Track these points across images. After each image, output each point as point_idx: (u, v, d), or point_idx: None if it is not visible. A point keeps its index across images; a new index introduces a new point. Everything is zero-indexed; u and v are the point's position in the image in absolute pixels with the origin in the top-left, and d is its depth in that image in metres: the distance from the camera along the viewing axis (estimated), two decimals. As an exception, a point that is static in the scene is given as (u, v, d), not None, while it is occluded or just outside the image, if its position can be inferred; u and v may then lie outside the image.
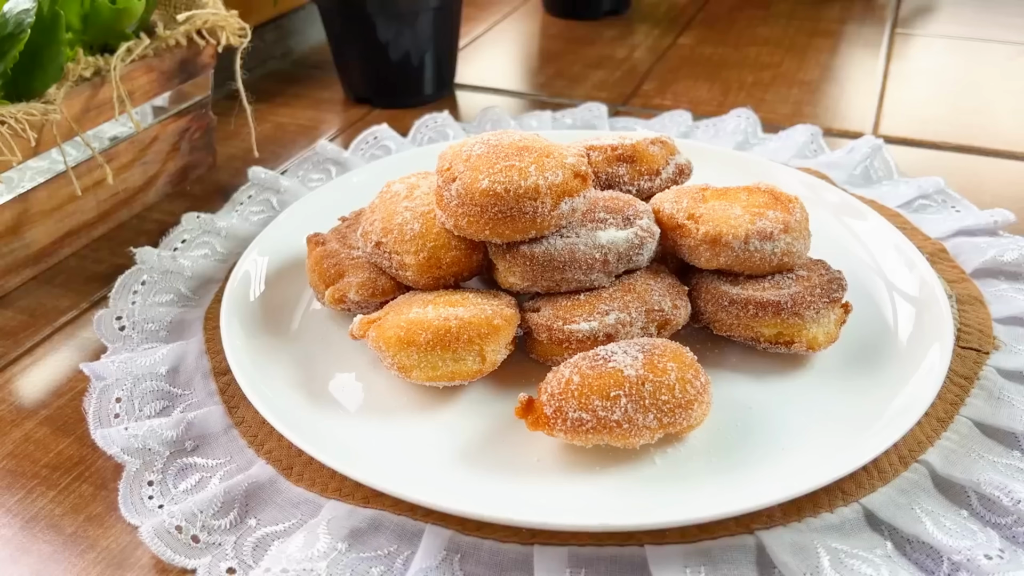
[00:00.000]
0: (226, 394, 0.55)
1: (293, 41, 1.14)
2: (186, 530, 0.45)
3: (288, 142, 0.91)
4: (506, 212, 0.52)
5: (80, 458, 0.52)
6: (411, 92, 0.98)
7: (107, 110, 0.69)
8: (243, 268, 0.63)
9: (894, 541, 0.44)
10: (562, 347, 0.53)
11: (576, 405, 0.46)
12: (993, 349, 0.56)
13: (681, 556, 0.43)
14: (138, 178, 0.77)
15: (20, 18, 0.61)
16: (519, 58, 1.16)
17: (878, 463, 0.48)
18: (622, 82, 1.05)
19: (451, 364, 0.51)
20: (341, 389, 0.55)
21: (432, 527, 0.45)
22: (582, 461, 0.48)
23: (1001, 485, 0.46)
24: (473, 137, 0.56)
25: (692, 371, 0.47)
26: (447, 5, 0.94)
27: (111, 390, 0.55)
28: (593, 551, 0.44)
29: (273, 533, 0.46)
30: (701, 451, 0.49)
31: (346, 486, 0.48)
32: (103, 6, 0.68)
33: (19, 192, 0.66)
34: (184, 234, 0.71)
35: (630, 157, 0.63)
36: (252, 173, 0.78)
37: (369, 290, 0.57)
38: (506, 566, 0.44)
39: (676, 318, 0.54)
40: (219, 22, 0.75)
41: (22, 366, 0.60)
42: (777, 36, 1.19)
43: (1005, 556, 0.42)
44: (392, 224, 0.57)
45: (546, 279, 0.54)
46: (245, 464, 0.50)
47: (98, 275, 0.69)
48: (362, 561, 0.44)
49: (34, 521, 0.48)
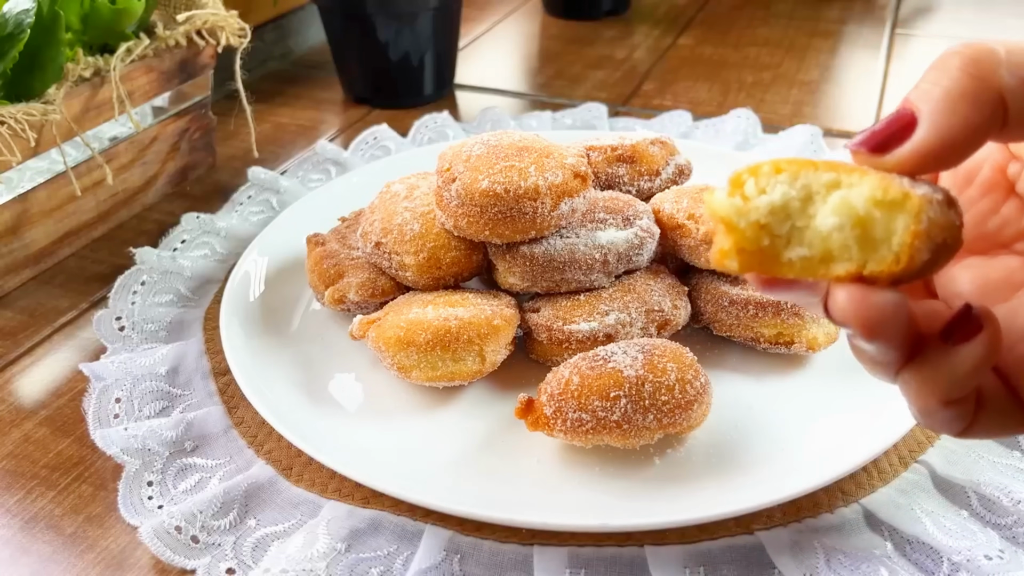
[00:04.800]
0: (226, 394, 0.55)
1: (293, 41, 1.14)
2: (185, 530, 0.45)
3: (288, 142, 0.91)
4: (506, 212, 0.52)
5: (80, 458, 0.52)
6: (411, 92, 0.98)
7: (107, 110, 0.69)
8: (243, 268, 0.63)
9: (894, 541, 0.44)
10: (562, 347, 0.53)
11: (576, 405, 0.46)
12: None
13: (681, 556, 0.43)
14: (138, 178, 0.77)
15: (20, 18, 0.61)
16: (519, 58, 1.16)
17: (878, 463, 0.48)
18: (622, 82, 1.05)
19: (451, 364, 0.51)
20: (341, 389, 0.55)
21: (432, 527, 0.45)
22: (582, 461, 0.48)
23: (1001, 485, 0.46)
24: (473, 137, 0.56)
25: (692, 371, 0.47)
26: (447, 5, 0.94)
27: (111, 390, 0.55)
28: (593, 551, 0.44)
29: (273, 533, 0.46)
30: (701, 452, 0.49)
31: (346, 486, 0.48)
32: (103, 6, 0.68)
33: (19, 192, 0.66)
34: (184, 234, 0.71)
35: (630, 157, 0.63)
36: (252, 173, 0.78)
37: (369, 290, 0.57)
38: (506, 566, 0.44)
39: (676, 318, 0.54)
40: (219, 22, 0.75)
41: (22, 366, 0.60)
42: (777, 36, 1.19)
43: (1005, 556, 0.42)
44: (392, 224, 0.57)
45: (546, 279, 0.54)
46: (245, 464, 0.50)
47: (98, 275, 0.69)
48: (362, 561, 0.44)
49: (34, 521, 0.48)
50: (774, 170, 0.28)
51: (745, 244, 0.27)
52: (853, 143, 0.27)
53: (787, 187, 0.27)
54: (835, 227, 0.26)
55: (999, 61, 0.25)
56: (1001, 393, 0.28)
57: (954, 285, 0.32)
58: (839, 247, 0.26)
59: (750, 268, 0.28)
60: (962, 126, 0.25)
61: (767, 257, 0.28)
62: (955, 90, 0.25)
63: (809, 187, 0.27)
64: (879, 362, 0.27)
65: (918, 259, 0.25)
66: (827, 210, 0.27)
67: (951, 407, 0.27)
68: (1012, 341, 0.28)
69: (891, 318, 0.25)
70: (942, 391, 0.27)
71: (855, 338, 0.27)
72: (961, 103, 0.25)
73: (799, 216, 0.27)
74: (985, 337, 0.26)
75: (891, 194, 0.25)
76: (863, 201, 0.26)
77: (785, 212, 0.27)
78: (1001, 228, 0.31)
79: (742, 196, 0.28)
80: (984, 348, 0.26)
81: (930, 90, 0.26)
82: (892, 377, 0.28)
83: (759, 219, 0.27)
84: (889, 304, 0.25)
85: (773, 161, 0.28)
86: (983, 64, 0.25)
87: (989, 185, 0.31)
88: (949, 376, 0.26)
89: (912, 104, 0.26)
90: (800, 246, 0.27)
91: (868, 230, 0.26)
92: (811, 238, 0.27)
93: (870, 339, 0.26)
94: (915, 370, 0.27)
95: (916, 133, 0.26)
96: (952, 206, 0.27)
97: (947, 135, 0.25)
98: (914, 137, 0.26)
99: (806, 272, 0.27)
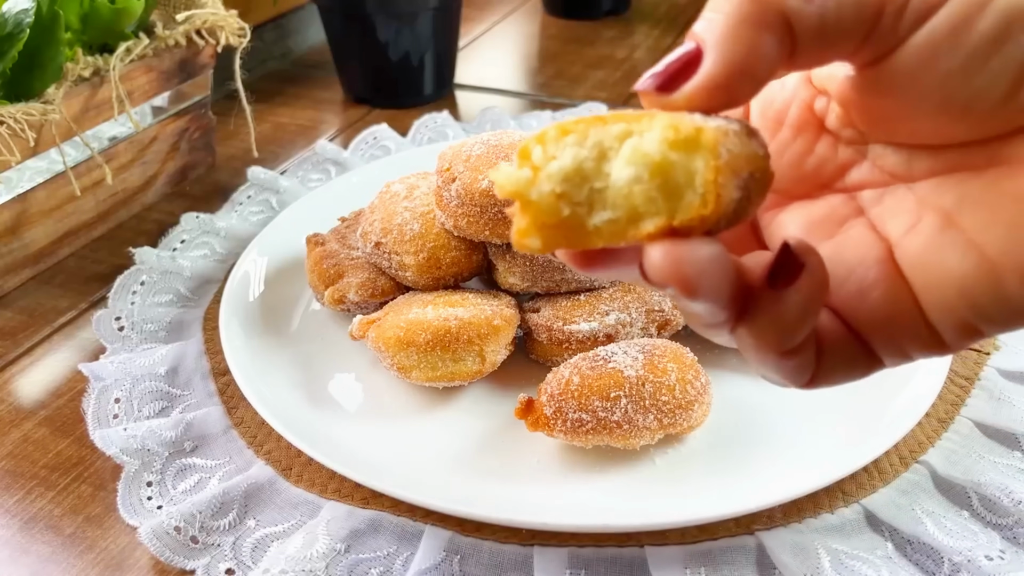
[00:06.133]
0: (225, 395, 0.55)
1: (293, 41, 1.14)
2: (185, 531, 0.45)
3: (287, 142, 0.91)
4: (506, 212, 0.52)
5: (79, 459, 0.52)
6: (411, 92, 0.98)
7: (106, 110, 0.69)
8: (242, 268, 0.63)
9: (895, 542, 0.44)
10: (562, 347, 0.53)
11: (576, 406, 0.46)
12: (994, 349, 0.56)
13: (681, 557, 0.43)
14: (137, 178, 0.77)
15: (19, 18, 0.61)
16: (519, 58, 1.16)
17: (879, 463, 0.48)
18: (622, 82, 1.05)
19: (451, 364, 0.51)
20: (341, 390, 0.55)
21: (432, 528, 0.45)
22: (582, 462, 0.48)
23: (1002, 486, 0.46)
24: (473, 137, 0.56)
25: (692, 372, 0.47)
26: (447, 5, 0.94)
27: (110, 391, 0.55)
28: (593, 552, 0.44)
29: (272, 534, 0.46)
30: (701, 452, 0.49)
31: (345, 487, 0.48)
32: (102, 6, 0.68)
33: (18, 192, 0.66)
34: (183, 234, 0.71)
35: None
36: (251, 173, 0.78)
37: (369, 290, 0.57)
38: (506, 567, 0.44)
39: (676, 318, 0.54)
40: (218, 22, 0.75)
41: (21, 366, 0.60)
42: (777, 36, 1.19)
43: (1006, 557, 0.42)
44: (392, 224, 0.57)
45: (546, 279, 0.54)
46: (244, 465, 0.50)
47: (97, 275, 0.69)
48: (361, 562, 0.44)
49: (33, 522, 0.48)
50: (560, 133, 0.25)
51: (544, 218, 0.25)
52: (639, 84, 0.25)
53: (578, 148, 0.24)
54: (633, 179, 0.24)
55: None
56: (841, 335, 0.27)
57: (781, 231, 0.30)
58: (644, 202, 0.24)
59: (556, 244, 0.25)
60: (748, 52, 0.24)
61: (571, 229, 0.25)
62: (736, 15, 0.23)
63: (601, 143, 0.24)
64: (710, 324, 0.26)
65: (726, 196, 0.23)
66: (621, 163, 0.24)
67: (790, 357, 0.26)
68: (841, 277, 0.27)
69: (709, 271, 0.23)
70: (777, 341, 0.25)
71: (678, 299, 0.24)
72: (744, 28, 0.23)
73: (596, 177, 0.24)
74: (808, 274, 0.25)
75: (683, 132, 0.23)
76: (656, 145, 0.23)
77: (581, 175, 0.24)
78: (819, 168, 0.30)
79: (532, 168, 0.25)
80: (809, 286, 0.25)
81: (713, 19, 0.24)
82: (727, 337, 0.26)
83: (553, 188, 0.24)
84: (704, 256, 0.23)
85: (558, 124, 0.25)
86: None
87: (799, 125, 0.30)
88: (781, 324, 0.25)
89: (696, 36, 0.24)
90: (603, 210, 0.24)
91: (669, 176, 0.24)
92: (613, 198, 0.24)
93: (692, 297, 0.24)
94: (747, 324, 0.25)
95: (702, 66, 0.24)
96: (753, 136, 0.25)
97: (734, 64, 0.24)
98: (700, 70, 0.24)
99: (615, 238, 0.24)
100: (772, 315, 0.25)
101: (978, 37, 0.23)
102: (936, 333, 0.26)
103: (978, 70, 0.23)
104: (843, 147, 0.29)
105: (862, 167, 0.29)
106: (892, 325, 0.26)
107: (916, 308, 0.26)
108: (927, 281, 0.26)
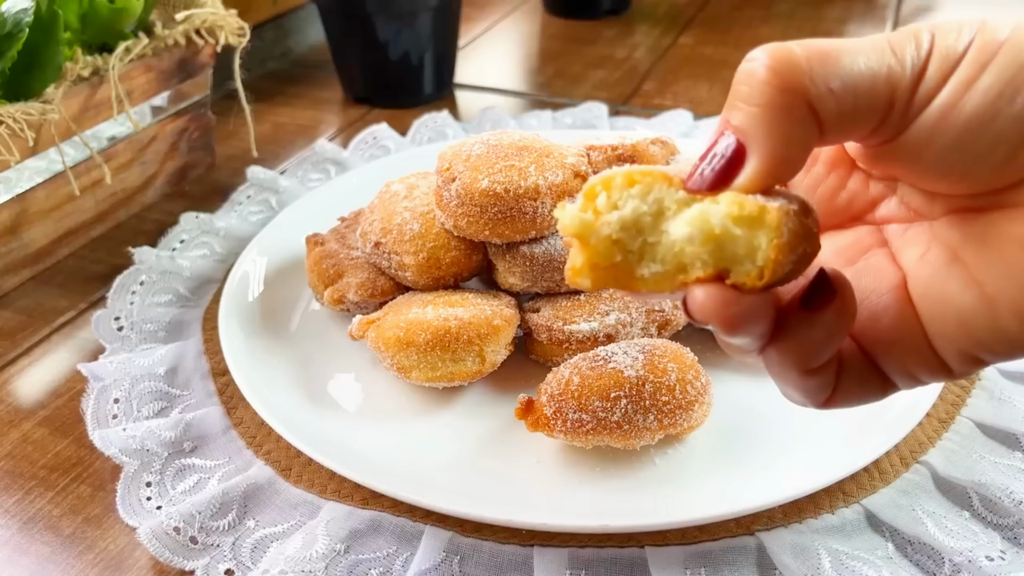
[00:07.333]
0: (225, 395, 0.55)
1: (292, 41, 1.14)
2: (184, 531, 0.45)
3: (287, 142, 0.91)
4: (506, 212, 0.52)
5: (78, 459, 0.52)
6: (410, 92, 0.98)
7: (105, 110, 0.69)
8: (242, 268, 0.63)
9: (895, 542, 0.44)
10: (562, 348, 0.53)
11: (576, 406, 0.46)
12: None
13: (681, 557, 0.43)
14: (136, 178, 0.77)
15: (18, 17, 0.60)
16: (519, 58, 1.16)
17: (879, 464, 0.48)
18: (622, 82, 1.05)
19: (450, 365, 0.51)
20: (340, 390, 0.54)
21: (431, 528, 0.45)
22: (582, 462, 0.48)
23: (1003, 486, 0.45)
24: (473, 137, 0.56)
25: (693, 372, 0.47)
26: (447, 5, 0.94)
27: (109, 391, 0.55)
28: (593, 552, 0.44)
29: (272, 534, 0.46)
30: (701, 452, 0.49)
31: (345, 487, 0.48)
32: (101, 5, 0.68)
33: (17, 192, 0.66)
34: (183, 234, 0.71)
35: (630, 157, 0.62)
36: (251, 173, 0.78)
37: (368, 290, 0.57)
38: (506, 567, 0.44)
39: (677, 318, 0.54)
40: (218, 21, 0.75)
41: (20, 367, 0.60)
42: (778, 36, 1.19)
43: (1007, 557, 0.42)
44: (391, 224, 0.57)
45: (546, 279, 0.54)
46: (244, 465, 0.50)
47: (96, 275, 0.69)
48: (361, 562, 0.44)
49: (32, 522, 0.48)
50: (627, 182, 0.27)
51: (598, 260, 0.27)
52: (691, 183, 0.27)
53: (639, 201, 0.27)
54: (686, 240, 0.26)
55: (801, 70, 0.25)
56: (857, 358, 0.29)
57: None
58: (692, 260, 0.26)
59: (604, 284, 0.27)
60: (787, 144, 0.25)
61: (621, 273, 0.27)
62: (769, 107, 0.25)
63: (661, 202, 0.27)
64: (743, 349, 0.28)
65: (780, 272, 0.25)
66: (681, 223, 0.26)
67: (812, 376, 0.28)
68: (857, 302, 0.28)
69: (752, 316, 0.25)
70: (803, 360, 0.27)
71: (717, 333, 0.27)
72: (779, 121, 0.25)
73: (651, 232, 0.27)
74: (839, 301, 0.27)
75: (747, 209, 0.25)
76: (719, 218, 0.25)
77: (637, 228, 0.27)
78: (851, 202, 0.32)
79: (594, 211, 0.27)
80: (838, 312, 0.27)
81: (748, 113, 0.25)
82: (755, 358, 0.28)
83: (611, 234, 0.27)
84: (749, 300, 0.25)
85: (626, 172, 0.27)
86: (787, 76, 0.25)
87: (833, 161, 0.32)
88: (809, 345, 0.27)
89: (736, 130, 0.26)
90: (653, 262, 0.27)
91: (724, 246, 0.25)
92: (663, 254, 0.26)
93: (732, 335, 0.26)
94: (776, 344, 0.27)
95: (748, 163, 0.26)
96: (808, 214, 0.26)
97: (776, 156, 0.25)
98: (748, 167, 0.26)
99: (660, 286, 0.27)
100: (801, 336, 0.27)
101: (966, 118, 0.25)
102: (941, 359, 0.28)
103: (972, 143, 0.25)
104: (874, 183, 0.31)
105: (891, 202, 0.31)
106: (900, 349, 0.28)
107: (923, 335, 0.28)
108: (932, 311, 0.28)
